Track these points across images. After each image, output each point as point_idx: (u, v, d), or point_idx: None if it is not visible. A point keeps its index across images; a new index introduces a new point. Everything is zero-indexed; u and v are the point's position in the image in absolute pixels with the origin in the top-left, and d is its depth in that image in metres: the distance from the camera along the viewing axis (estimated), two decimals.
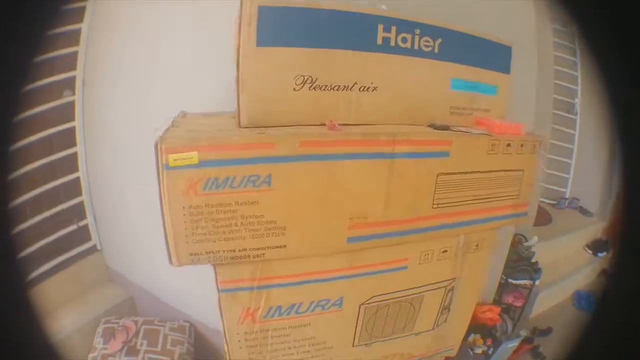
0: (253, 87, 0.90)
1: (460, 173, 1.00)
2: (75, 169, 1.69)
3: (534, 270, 1.93)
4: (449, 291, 1.20)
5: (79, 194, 1.73)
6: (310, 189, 0.87)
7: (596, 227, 2.51)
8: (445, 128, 1.01)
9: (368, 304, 1.07)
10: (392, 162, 0.91)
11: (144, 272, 1.80)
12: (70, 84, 1.52)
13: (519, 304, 1.97)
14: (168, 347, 1.50)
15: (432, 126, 1.02)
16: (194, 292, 1.46)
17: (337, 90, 0.96)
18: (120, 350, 1.45)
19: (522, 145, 1.08)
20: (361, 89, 0.97)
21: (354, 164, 0.89)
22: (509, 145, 1.06)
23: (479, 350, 1.67)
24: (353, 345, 1.15)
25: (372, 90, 0.99)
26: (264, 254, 0.89)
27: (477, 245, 1.16)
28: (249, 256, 0.88)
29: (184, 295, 1.65)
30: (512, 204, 1.14)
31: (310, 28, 0.91)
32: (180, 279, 1.47)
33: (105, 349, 1.45)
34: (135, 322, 1.59)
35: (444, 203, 1.01)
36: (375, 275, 1.03)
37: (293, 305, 0.99)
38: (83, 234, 1.81)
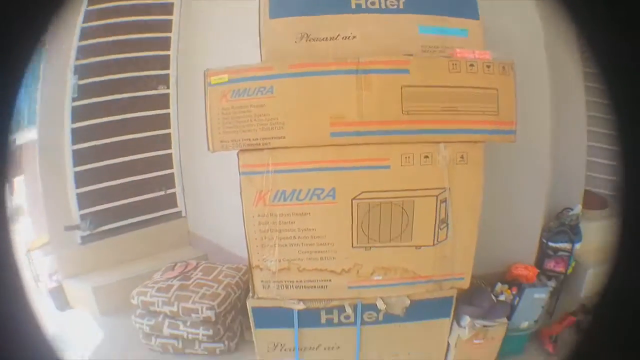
0: (268, 43, 1.45)
1: (423, 86, 1.35)
2: (169, 146, 2.42)
3: (573, 233, 1.91)
4: (441, 202, 1.43)
5: (171, 166, 2.43)
6: (299, 95, 1.33)
7: None
8: (409, 54, 1.40)
9: (359, 199, 1.39)
10: (358, 77, 1.33)
11: (219, 232, 2.32)
12: (164, 79, 2.35)
13: (560, 269, 1.92)
14: (219, 277, 1.91)
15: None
16: None
17: (326, 40, 1.45)
18: (175, 277, 1.91)
19: (488, 67, 1.39)
20: (343, 38, 1.45)
21: (329, 78, 1.33)
22: (471, 65, 1.38)
23: (502, 297, 1.69)
24: (352, 246, 1.44)
25: (352, 39, 1.45)
26: (269, 142, 1.34)
27: (462, 157, 1.41)
28: (259, 144, 1.34)
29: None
30: (492, 120, 1.40)
31: (303, 3, 1.46)
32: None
33: (161, 276, 1.93)
34: (198, 262, 2.06)
35: (413, 111, 1.35)
36: (361, 171, 1.38)
37: (294, 191, 1.38)
38: (170, 201, 2.47)
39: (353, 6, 1.46)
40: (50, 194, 2.14)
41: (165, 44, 2.38)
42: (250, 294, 1.53)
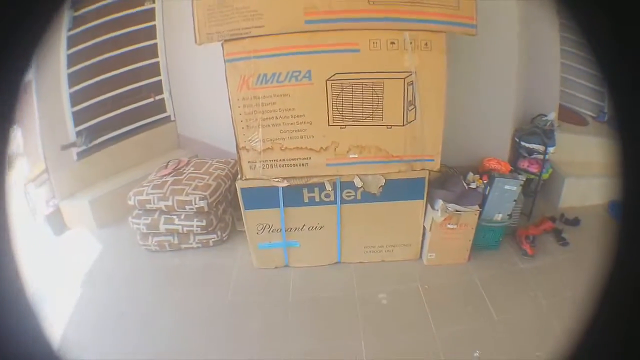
0: None
1: None
2: (156, 55, 3.02)
3: (546, 137, 2.45)
4: (408, 84, 1.98)
5: (158, 74, 3.05)
6: None
7: None
8: None
9: (333, 80, 1.94)
10: None
11: (207, 132, 2.98)
12: None
13: (534, 169, 2.48)
14: (210, 170, 2.52)
15: None
16: None
17: None
18: (169, 174, 2.53)
19: None
20: None
21: None
22: None
23: (473, 185, 2.26)
24: (329, 124, 2.01)
25: None
26: (250, 31, 1.88)
27: (426, 44, 1.94)
28: (241, 33, 1.89)
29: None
30: (453, 14, 1.91)
31: None
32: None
33: (155, 175, 2.55)
34: (190, 159, 2.69)
35: (379, 1, 1.87)
36: (333, 54, 1.92)
37: (274, 74, 1.93)
38: (160, 107, 3.11)
39: None
40: (45, 119, 2.71)
41: None
42: (239, 176, 2.13)
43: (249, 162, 2.08)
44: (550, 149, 2.47)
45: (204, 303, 2.24)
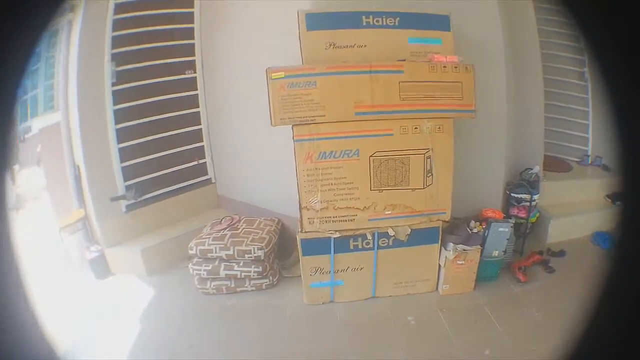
0: (306, 49, 2.71)
1: (413, 81, 2.65)
2: (198, 122, 3.67)
3: (531, 187, 3.30)
4: (427, 158, 2.75)
5: (201, 140, 3.69)
6: (333, 87, 2.60)
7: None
8: (402, 60, 2.70)
9: (374, 156, 2.68)
10: (371, 76, 2.61)
11: (246, 193, 3.61)
12: (191, 65, 3.57)
13: (523, 215, 3.31)
14: (261, 226, 3.14)
15: (397, 60, 2.72)
16: (280, 197, 3.19)
17: (346, 47, 2.73)
18: (225, 229, 3.12)
19: (455, 67, 2.71)
20: (358, 46, 2.74)
21: (352, 77, 2.61)
22: (444, 67, 2.70)
23: (475, 230, 3.03)
24: (371, 189, 2.73)
25: (364, 47, 2.74)
26: (314, 119, 2.60)
27: (439, 128, 2.73)
28: (307, 120, 2.60)
29: (274, 201, 3.38)
30: (458, 103, 2.72)
31: (331, 20, 2.73)
32: (270, 190, 3.23)
33: (212, 229, 3.15)
34: (240, 216, 3.30)
35: (407, 97, 2.65)
36: (375, 138, 2.66)
37: (332, 152, 2.65)
38: (202, 170, 3.73)
39: (364, 23, 2.75)
40: (93, 171, 3.26)
41: (189, 33, 3.60)
42: (299, 229, 2.78)
43: (308, 218, 2.75)
44: (535, 197, 3.30)
45: (266, 332, 2.82)
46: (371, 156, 2.69)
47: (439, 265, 3.02)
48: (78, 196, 3.38)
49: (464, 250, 2.97)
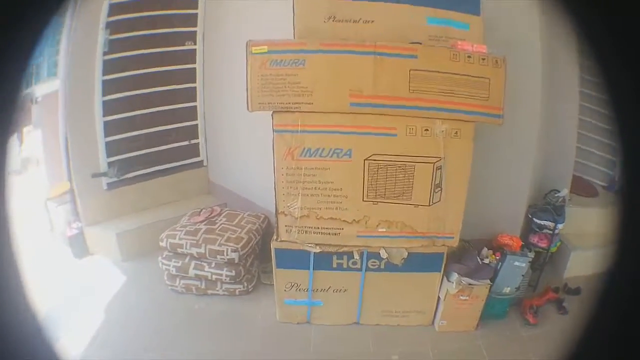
0: (300, 20, 1.73)
1: (427, 71, 1.65)
2: (194, 99, 2.65)
3: (557, 214, 2.20)
4: (437, 169, 1.74)
5: (195, 118, 2.68)
6: (326, 69, 1.63)
7: None
8: (418, 43, 1.70)
9: (370, 159, 1.69)
10: (375, 58, 1.62)
11: (238, 181, 2.60)
12: (191, 36, 2.56)
13: (543, 244, 2.22)
14: (242, 223, 2.22)
15: (410, 42, 1.72)
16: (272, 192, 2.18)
17: (349, 22, 1.74)
18: (202, 221, 2.22)
19: (483, 59, 1.68)
20: (364, 22, 1.74)
21: (351, 57, 1.63)
22: (469, 57, 1.68)
23: (487, 261, 1.99)
24: (363, 200, 1.75)
25: (371, 22, 1.75)
26: (299, 106, 1.64)
27: (456, 133, 1.71)
28: (291, 107, 1.64)
29: (265, 195, 2.28)
30: (483, 105, 1.69)
31: None
32: (263, 182, 2.16)
33: (188, 221, 2.24)
34: (222, 208, 2.37)
35: (418, 90, 1.65)
36: (373, 137, 1.68)
37: (318, 149, 1.68)
38: (193, 151, 2.73)
39: None
40: (76, 143, 2.39)
41: (192, 1, 2.60)
42: (275, 237, 1.84)
43: (285, 225, 1.81)
44: (560, 226, 2.22)
45: (228, 346, 1.93)
46: (367, 159, 1.71)
47: (438, 298, 2.00)
48: (67, 168, 2.55)
49: (470, 284, 1.94)
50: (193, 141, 2.73)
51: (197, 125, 2.73)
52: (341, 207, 1.76)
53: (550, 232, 2.25)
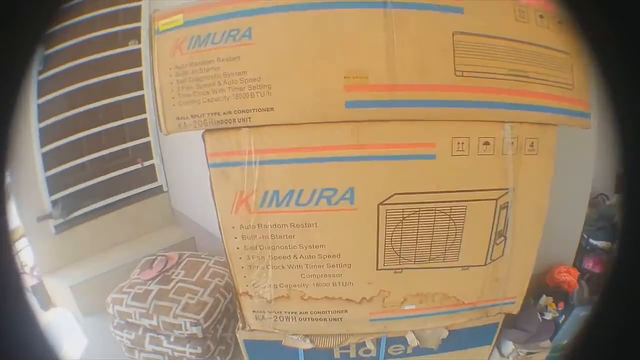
0: None
1: (483, 36, 0.67)
2: (143, 110, 1.62)
3: (614, 231, 1.25)
4: (502, 208, 0.77)
5: (147, 134, 1.65)
6: (295, 41, 0.65)
7: None
8: None
9: (389, 204, 0.73)
10: (387, 12, 0.64)
11: (204, 213, 1.49)
12: (135, 34, 1.55)
13: (597, 270, 1.27)
14: (205, 278, 1.26)
15: None
16: None
17: None
18: (153, 278, 1.29)
19: (559, 22, 0.69)
20: None
21: (342, 13, 0.64)
22: (541, 16, 0.69)
23: (549, 317, 1.07)
24: (377, 268, 0.79)
25: None
26: (249, 117, 0.67)
27: (532, 145, 0.74)
28: (234, 120, 0.67)
29: None
30: (567, 96, 0.72)
31: None
32: None
33: (138, 278, 1.31)
34: (180, 255, 1.42)
35: (470, 71, 0.67)
36: (392, 162, 0.71)
37: (292, 191, 0.71)
38: (149, 175, 1.71)
39: None
40: (16, 183, 1.44)
41: None
42: (240, 324, 0.90)
43: (254, 311, 0.86)
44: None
45: None
46: (382, 203, 0.73)
47: None
48: (16, 212, 1.60)
49: (529, 353, 1.02)
50: (146, 163, 1.70)
51: (149, 142, 1.68)
52: (341, 281, 0.80)
53: (606, 255, 1.29)
